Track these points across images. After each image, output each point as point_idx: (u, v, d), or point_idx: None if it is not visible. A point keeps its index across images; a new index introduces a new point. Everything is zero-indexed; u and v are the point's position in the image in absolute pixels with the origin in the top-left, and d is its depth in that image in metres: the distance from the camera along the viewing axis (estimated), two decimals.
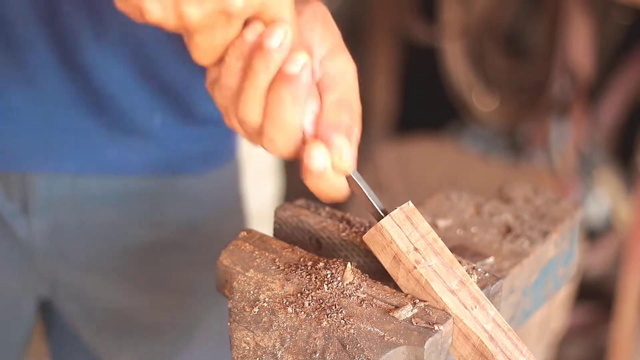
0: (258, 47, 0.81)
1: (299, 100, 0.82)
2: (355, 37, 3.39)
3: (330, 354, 0.81)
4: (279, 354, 0.82)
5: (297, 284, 0.85)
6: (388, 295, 0.85)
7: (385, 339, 0.80)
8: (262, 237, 0.92)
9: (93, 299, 1.29)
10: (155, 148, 1.26)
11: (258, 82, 0.82)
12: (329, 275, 0.86)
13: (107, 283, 1.29)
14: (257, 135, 0.85)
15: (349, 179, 0.87)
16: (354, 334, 0.81)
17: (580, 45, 2.65)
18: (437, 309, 0.84)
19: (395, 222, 0.85)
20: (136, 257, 1.28)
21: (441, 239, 0.87)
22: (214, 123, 1.27)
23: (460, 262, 0.88)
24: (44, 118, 1.22)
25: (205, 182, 1.32)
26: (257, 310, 0.84)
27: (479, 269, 0.89)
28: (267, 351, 0.83)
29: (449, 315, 0.83)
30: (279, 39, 0.80)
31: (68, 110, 1.22)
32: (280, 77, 0.81)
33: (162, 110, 1.24)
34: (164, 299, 1.31)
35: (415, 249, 0.85)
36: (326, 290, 0.85)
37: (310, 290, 0.85)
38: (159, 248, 1.29)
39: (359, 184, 0.87)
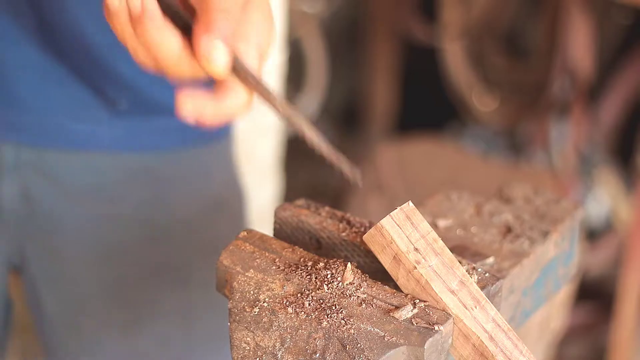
0: None
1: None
2: (355, 37, 3.39)
3: (330, 354, 0.81)
4: (279, 354, 0.82)
5: (297, 284, 0.86)
6: (388, 295, 0.85)
7: (386, 339, 0.80)
8: (262, 237, 0.92)
9: (63, 265, 1.30)
10: (120, 124, 1.29)
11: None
12: (329, 276, 0.86)
13: (75, 251, 1.30)
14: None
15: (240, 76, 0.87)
16: (354, 334, 0.81)
17: (580, 45, 2.65)
18: (437, 309, 0.84)
19: (395, 222, 0.85)
20: (104, 229, 1.29)
21: (441, 239, 0.87)
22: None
23: (460, 262, 0.88)
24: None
25: (181, 159, 1.34)
26: (257, 310, 0.84)
27: (479, 269, 0.89)
28: (267, 351, 0.83)
29: (449, 315, 0.83)
30: None
31: (29, 86, 1.25)
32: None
33: (126, 98, 1.27)
34: (129, 271, 1.31)
35: (416, 249, 0.85)
36: (326, 290, 0.85)
37: (310, 291, 0.85)
38: (126, 222, 1.31)
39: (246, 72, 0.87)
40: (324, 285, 0.85)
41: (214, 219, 1.35)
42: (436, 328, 0.81)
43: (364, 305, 0.83)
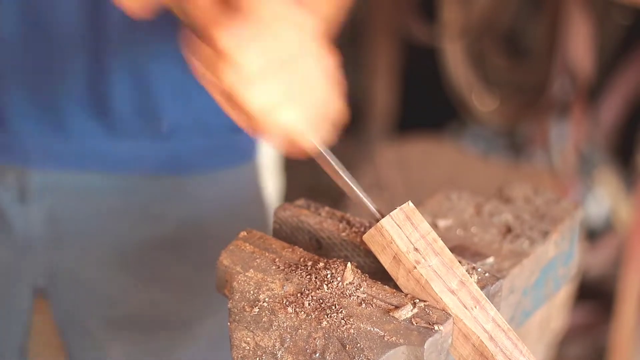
0: None
1: None
2: (355, 37, 3.39)
3: (330, 354, 0.81)
4: (279, 354, 0.82)
5: (297, 284, 0.85)
6: (388, 295, 0.85)
7: (385, 339, 0.80)
8: (262, 237, 0.92)
9: (90, 288, 1.30)
10: (162, 147, 1.28)
11: None
12: (329, 275, 0.86)
13: (103, 273, 1.30)
14: None
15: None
16: (354, 334, 0.81)
17: (580, 45, 2.65)
18: (437, 309, 0.84)
19: (395, 222, 0.85)
20: (133, 250, 1.29)
21: (441, 239, 0.87)
22: (221, 128, 1.30)
23: (460, 262, 0.88)
24: (49, 120, 1.24)
25: (213, 180, 1.33)
26: (257, 310, 0.84)
27: (479, 269, 0.89)
28: (267, 351, 0.83)
29: (449, 315, 0.83)
30: None
31: (73, 113, 1.24)
32: None
33: (170, 116, 1.27)
34: (161, 294, 1.31)
35: (415, 249, 0.85)
36: (326, 290, 0.85)
37: (310, 290, 0.85)
38: (158, 243, 1.30)
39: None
40: (324, 285, 0.85)
41: None
42: (436, 328, 0.81)
43: (363, 305, 0.83)
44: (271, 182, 2.25)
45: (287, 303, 0.84)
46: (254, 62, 0.85)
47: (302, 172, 2.96)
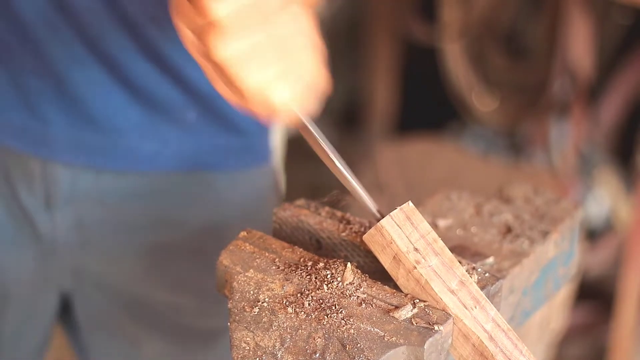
0: None
1: None
2: (355, 37, 3.39)
3: (330, 354, 0.81)
4: (279, 354, 0.82)
5: (297, 284, 0.86)
6: (388, 295, 0.85)
7: (385, 339, 0.81)
8: (262, 237, 0.92)
9: (117, 290, 1.30)
10: (187, 142, 1.27)
11: None
12: (329, 276, 0.86)
13: (130, 276, 1.29)
14: None
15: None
16: (354, 334, 0.81)
17: (580, 45, 2.65)
18: (437, 309, 0.84)
19: (395, 222, 0.85)
20: (157, 254, 1.28)
21: (441, 239, 0.87)
22: (245, 127, 1.29)
23: (460, 262, 0.88)
24: (75, 111, 1.23)
25: (234, 181, 1.32)
26: (257, 310, 0.84)
27: (479, 269, 0.89)
28: (267, 351, 0.83)
29: (449, 315, 0.83)
30: None
31: (100, 104, 1.23)
32: None
33: (195, 108, 1.26)
34: (185, 299, 1.30)
35: (415, 249, 0.85)
36: (326, 290, 0.85)
37: (310, 291, 0.85)
38: (180, 247, 1.29)
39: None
40: (324, 285, 0.85)
41: None
42: (436, 328, 0.81)
43: (363, 305, 0.83)
44: None
45: (287, 303, 0.84)
46: (248, 35, 0.82)
47: (302, 172, 2.96)
